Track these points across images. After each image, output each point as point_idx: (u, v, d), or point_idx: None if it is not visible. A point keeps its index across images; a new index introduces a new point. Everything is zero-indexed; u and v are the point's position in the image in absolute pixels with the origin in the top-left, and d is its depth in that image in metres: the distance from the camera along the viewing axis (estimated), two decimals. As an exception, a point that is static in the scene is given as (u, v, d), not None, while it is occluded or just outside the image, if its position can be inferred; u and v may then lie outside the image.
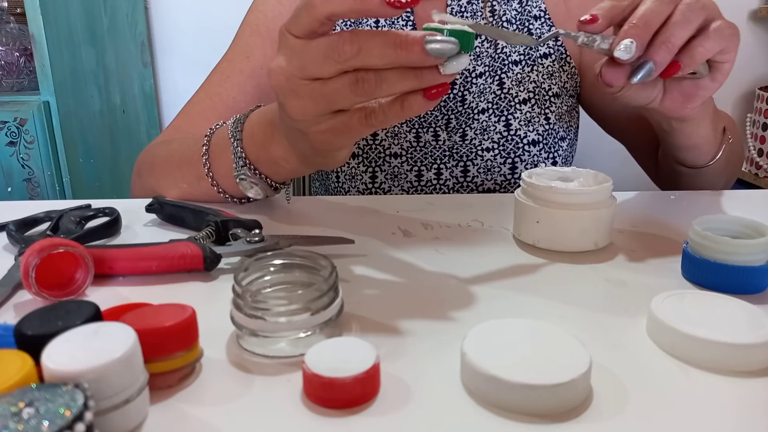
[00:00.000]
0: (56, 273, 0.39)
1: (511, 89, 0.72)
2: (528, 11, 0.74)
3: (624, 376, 0.31)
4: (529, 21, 0.74)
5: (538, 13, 0.74)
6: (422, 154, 0.72)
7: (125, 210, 0.54)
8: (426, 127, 0.72)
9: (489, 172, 0.72)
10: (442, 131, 0.72)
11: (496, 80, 0.72)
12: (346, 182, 0.74)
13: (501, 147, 0.72)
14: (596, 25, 0.46)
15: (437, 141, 0.72)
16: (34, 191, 1.32)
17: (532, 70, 0.73)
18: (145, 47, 1.66)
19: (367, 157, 0.72)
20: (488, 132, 0.72)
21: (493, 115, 0.72)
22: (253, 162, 0.52)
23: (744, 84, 1.79)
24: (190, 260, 0.42)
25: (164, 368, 0.29)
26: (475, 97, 0.72)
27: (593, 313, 0.38)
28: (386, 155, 0.72)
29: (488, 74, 0.72)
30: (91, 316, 0.29)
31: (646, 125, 0.70)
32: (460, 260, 0.46)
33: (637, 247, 0.49)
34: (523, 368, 0.28)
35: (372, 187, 0.73)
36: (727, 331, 0.32)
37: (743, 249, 0.39)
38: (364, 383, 0.29)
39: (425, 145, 0.72)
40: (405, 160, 0.72)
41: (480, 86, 0.72)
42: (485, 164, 0.72)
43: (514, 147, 0.71)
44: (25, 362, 0.25)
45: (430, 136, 0.72)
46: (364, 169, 0.72)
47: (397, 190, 0.72)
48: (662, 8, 0.45)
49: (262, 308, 0.32)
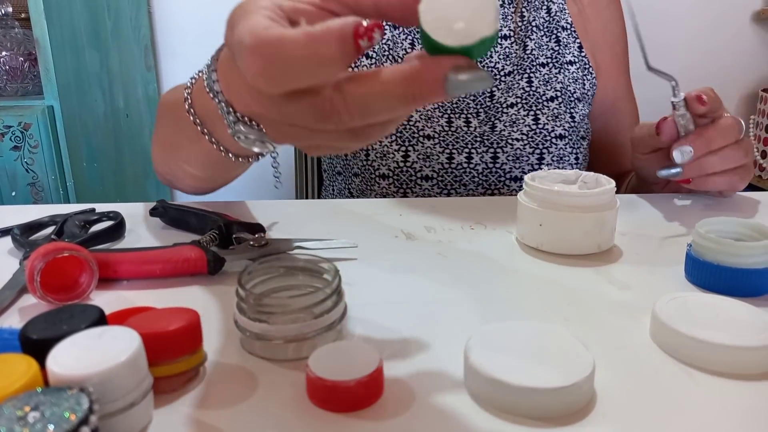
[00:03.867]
0: (61, 277, 0.39)
1: (539, 88, 0.75)
2: (557, 21, 0.78)
3: (627, 378, 0.31)
4: (558, 30, 0.78)
5: (565, 25, 0.78)
6: (454, 138, 0.74)
7: (129, 214, 0.54)
8: (458, 113, 0.74)
9: (518, 161, 0.74)
10: (474, 118, 0.74)
11: (525, 78, 0.75)
12: (377, 160, 0.74)
13: (530, 138, 0.74)
14: (703, 108, 0.54)
15: (468, 126, 0.74)
16: (38, 195, 1.32)
17: (559, 72, 0.76)
18: (149, 51, 1.66)
19: (400, 136, 0.73)
20: (517, 125, 0.74)
21: (522, 109, 0.74)
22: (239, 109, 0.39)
23: (748, 86, 1.79)
24: (194, 264, 0.43)
25: (168, 372, 0.30)
26: (504, 93, 0.75)
27: (597, 315, 0.38)
28: (420, 136, 0.73)
29: (516, 72, 0.76)
30: (95, 320, 0.29)
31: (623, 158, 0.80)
32: (462, 263, 0.46)
33: (640, 249, 0.49)
34: (526, 371, 0.28)
35: (404, 166, 0.73)
36: (731, 334, 0.32)
37: (747, 251, 0.39)
38: (367, 386, 0.29)
39: (456, 130, 0.74)
40: (438, 142, 0.73)
41: (509, 83, 0.75)
42: (515, 152, 0.74)
43: (542, 139, 0.74)
44: (30, 366, 0.25)
45: (462, 121, 0.74)
46: (397, 148, 0.73)
47: (428, 170, 0.73)
48: (726, 137, 0.54)
49: (266, 312, 0.32)
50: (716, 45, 1.75)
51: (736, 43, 1.75)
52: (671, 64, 1.85)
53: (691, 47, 1.74)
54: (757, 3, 1.72)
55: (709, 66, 1.76)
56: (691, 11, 1.72)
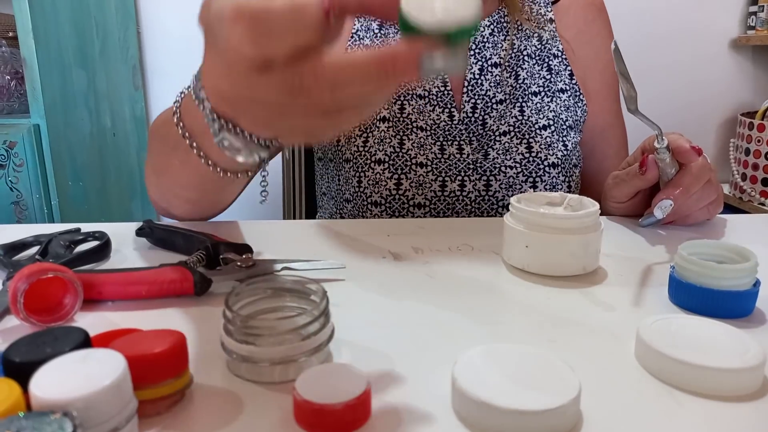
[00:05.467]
0: (45, 298, 0.38)
1: (531, 116, 0.76)
2: (548, 49, 0.79)
3: (613, 400, 0.31)
4: (549, 58, 0.79)
5: (556, 53, 0.79)
6: (446, 165, 0.74)
7: (115, 234, 0.54)
8: (451, 141, 0.74)
9: (511, 188, 0.74)
10: (467, 145, 0.74)
11: (517, 107, 0.76)
12: (369, 187, 0.73)
13: (523, 167, 0.74)
14: (699, 157, 0.57)
15: (461, 154, 0.74)
16: (21, 214, 1.30)
17: (551, 100, 0.77)
18: (137, 70, 1.67)
19: (393, 164, 0.73)
20: (510, 153, 0.74)
21: (515, 138, 0.75)
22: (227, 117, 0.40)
23: (727, 110, 1.83)
24: (180, 285, 0.42)
25: (154, 395, 0.29)
26: (496, 121, 0.75)
27: (582, 337, 0.38)
28: (412, 164, 0.73)
29: (509, 101, 0.76)
30: (80, 342, 0.29)
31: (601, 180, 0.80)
32: (450, 284, 0.46)
33: (625, 271, 0.49)
34: (513, 394, 0.29)
35: (396, 194, 0.73)
36: (714, 356, 0.32)
37: (728, 274, 0.40)
38: (354, 409, 0.29)
39: (449, 158, 0.74)
40: (430, 170, 0.73)
41: (501, 111, 0.75)
42: (508, 181, 0.74)
43: (535, 168, 0.74)
44: (13, 390, 0.25)
45: (455, 149, 0.74)
46: (390, 176, 0.73)
47: (420, 198, 0.73)
48: (701, 180, 0.57)
49: (252, 334, 0.32)
50: (696, 71, 1.79)
51: (715, 70, 1.80)
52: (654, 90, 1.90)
53: (671, 73, 1.78)
54: (734, 31, 1.77)
55: (690, 91, 1.81)
56: (671, 38, 1.76)
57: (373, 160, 0.73)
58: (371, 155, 0.73)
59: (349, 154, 0.74)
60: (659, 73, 1.77)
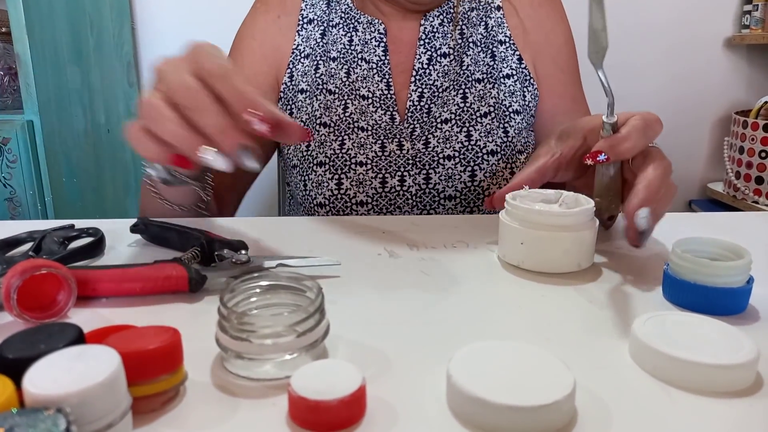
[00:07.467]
0: (38, 295, 0.38)
1: (473, 103, 0.77)
2: (493, 36, 0.80)
3: (607, 397, 0.32)
4: (494, 45, 0.79)
5: (503, 39, 0.80)
6: (387, 162, 0.75)
7: (109, 230, 0.54)
8: (391, 138, 0.76)
9: (450, 180, 0.75)
10: (407, 141, 0.76)
11: (460, 93, 0.77)
12: (313, 189, 0.76)
13: (461, 156, 0.75)
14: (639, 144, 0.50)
15: (401, 150, 0.76)
16: (15, 210, 1.30)
17: (493, 87, 0.78)
18: (132, 67, 1.66)
19: (333, 165, 0.75)
20: (450, 141, 0.76)
21: (456, 126, 0.76)
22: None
23: (721, 109, 1.84)
24: (175, 281, 0.42)
25: (148, 392, 0.29)
26: (439, 108, 0.76)
27: (577, 334, 0.38)
28: (352, 164, 0.75)
29: (452, 88, 0.77)
30: (74, 338, 0.29)
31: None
32: (445, 281, 0.46)
33: (619, 268, 0.49)
34: (508, 390, 0.29)
35: (338, 194, 0.75)
36: (708, 353, 0.33)
37: (722, 271, 0.40)
38: (350, 406, 0.29)
39: (390, 155, 0.75)
40: (370, 168, 0.75)
41: (444, 98, 0.77)
42: (446, 172, 0.75)
43: (474, 156, 0.75)
44: (6, 386, 0.25)
45: (395, 146, 0.76)
46: (330, 177, 0.75)
47: (362, 196, 0.75)
48: (665, 178, 0.49)
49: (247, 330, 0.32)
50: (690, 70, 1.80)
51: (709, 68, 1.80)
52: (648, 88, 1.90)
53: (665, 72, 1.79)
54: (728, 30, 1.78)
55: (684, 90, 1.81)
56: (665, 37, 1.77)
57: (315, 162, 0.75)
58: (313, 158, 0.76)
59: (296, 160, 0.78)
60: (653, 71, 1.77)
